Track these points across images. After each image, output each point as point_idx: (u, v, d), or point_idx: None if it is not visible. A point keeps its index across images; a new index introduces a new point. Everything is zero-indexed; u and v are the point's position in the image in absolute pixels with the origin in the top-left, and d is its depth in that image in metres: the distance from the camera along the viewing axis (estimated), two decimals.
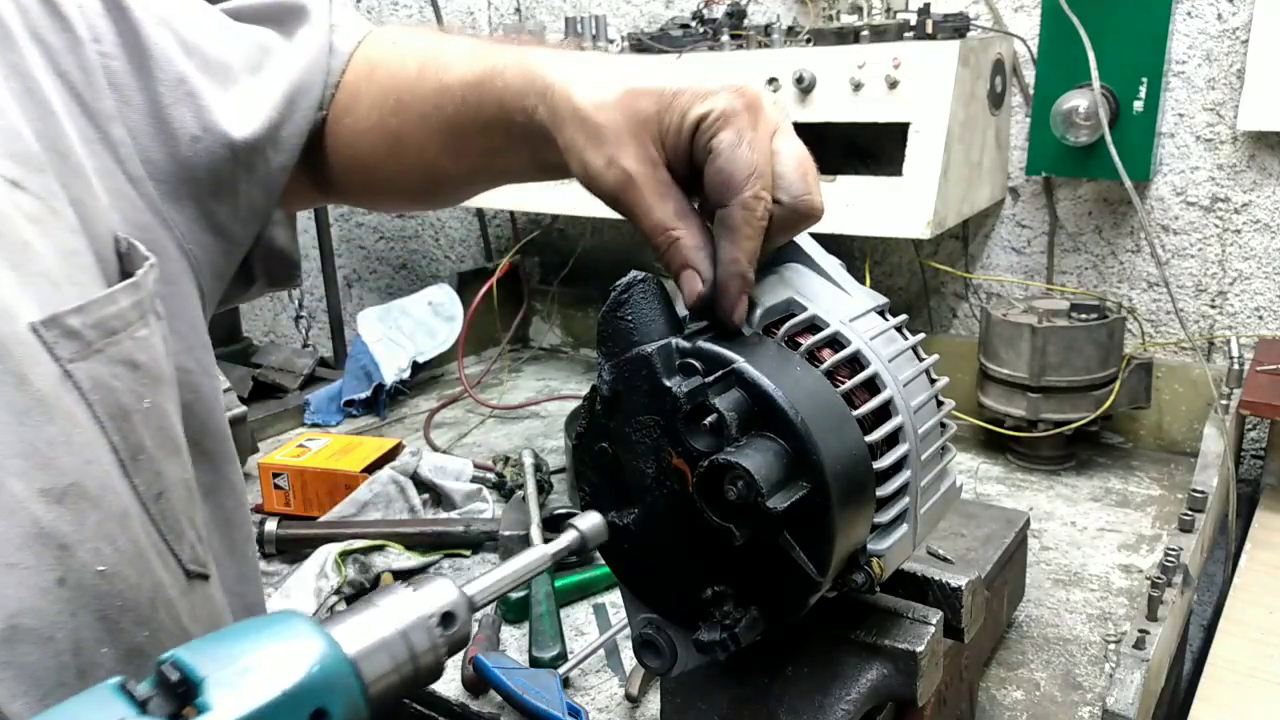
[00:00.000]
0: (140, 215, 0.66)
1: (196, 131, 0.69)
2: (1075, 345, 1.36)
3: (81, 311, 0.57)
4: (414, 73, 0.74)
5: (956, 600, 0.66)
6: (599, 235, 2.10)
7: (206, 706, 0.33)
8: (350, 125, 0.77)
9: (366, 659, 0.39)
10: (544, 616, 1.08)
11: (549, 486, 1.39)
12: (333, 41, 0.78)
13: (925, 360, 0.65)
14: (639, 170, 0.59)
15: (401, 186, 0.81)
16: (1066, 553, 1.22)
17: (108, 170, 0.64)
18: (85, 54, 0.63)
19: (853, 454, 0.55)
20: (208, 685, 0.34)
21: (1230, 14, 1.42)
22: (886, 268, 1.80)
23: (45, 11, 0.62)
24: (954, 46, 1.32)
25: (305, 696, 0.35)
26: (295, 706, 0.34)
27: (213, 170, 0.70)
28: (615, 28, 1.91)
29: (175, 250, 0.69)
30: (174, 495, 0.63)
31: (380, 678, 0.39)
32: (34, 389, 0.54)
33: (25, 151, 0.58)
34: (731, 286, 0.57)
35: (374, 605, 0.41)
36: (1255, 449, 1.52)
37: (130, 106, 0.66)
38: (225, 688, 0.33)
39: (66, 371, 0.56)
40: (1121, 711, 0.79)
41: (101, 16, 0.65)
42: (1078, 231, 1.62)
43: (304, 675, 0.35)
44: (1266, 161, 1.45)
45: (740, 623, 0.56)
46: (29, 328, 0.54)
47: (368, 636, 0.39)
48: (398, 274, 2.52)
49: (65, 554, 0.54)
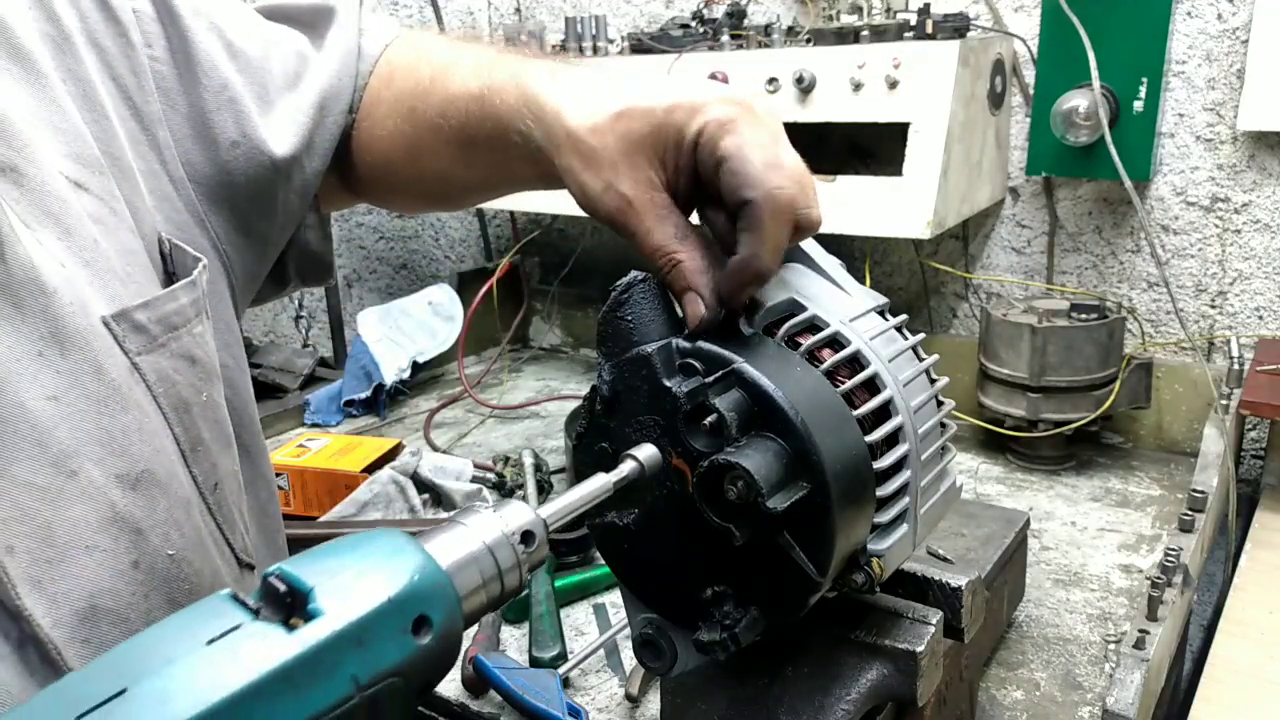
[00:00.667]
0: (180, 217, 0.69)
1: (236, 137, 0.71)
2: (1075, 345, 1.36)
3: (147, 307, 0.60)
4: (426, 82, 0.75)
5: (956, 600, 0.66)
6: (599, 235, 2.10)
7: (318, 613, 0.34)
8: (369, 129, 0.79)
9: (459, 573, 0.40)
10: (544, 616, 1.08)
11: (549, 486, 1.39)
12: (361, 45, 0.79)
13: (925, 360, 0.65)
14: (636, 194, 0.59)
15: (420, 191, 0.82)
16: (1066, 553, 1.22)
17: (153, 172, 0.66)
18: (138, 59, 0.66)
19: (853, 454, 0.55)
20: (316, 594, 0.34)
21: (1230, 14, 1.42)
22: (886, 268, 1.80)
23: (103, 17, 0.64)
24: (954, 46, 1.32)
25: (409, 603, 0.36)
26: (401, 612, 0.35)
27: (251, 177, 0.72)
28: (615, 28, 1.91)
29: (212, 251, 0.71)
30: (227, 486, 0.67)
31: (471, 593, 0.40)
32: (109, 379, 0.56)
33: (87, 154, 0.60)
34: (744, 278, 0.57)
35: (460, 524, 0.42)
36: (1255, 449, 1.52)
37: (175, 111, 0.68)
38: (333, 596, 0.34)
39: (134, 364, 0.59)
40: (1121, 711, 0.79)
41: (153, 21, 0.67)
42: (1078, 231, 1.62)
43: (407, 582, 0.36)
44: (1266, 161, 1.45)
45: (740, 623, 0.56)
46: (102, 321, 0.57)
47: (458, 552, 0.40)
48: (398, 274, 2.52)
49: (139, 538, 0.57)
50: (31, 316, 0.53)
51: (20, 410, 0.52)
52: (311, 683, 0.33)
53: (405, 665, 0.36)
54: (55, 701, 0.31)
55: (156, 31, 0.68)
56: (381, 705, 0.35)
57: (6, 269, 0.52)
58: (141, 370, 0.59)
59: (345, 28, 0.79)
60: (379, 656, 0.35)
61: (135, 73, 0.66)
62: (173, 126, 0.68)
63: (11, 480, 0.51)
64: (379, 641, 0.35)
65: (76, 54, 0.62)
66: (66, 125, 0.60)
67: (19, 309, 0.53)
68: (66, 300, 0.55)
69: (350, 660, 0.34)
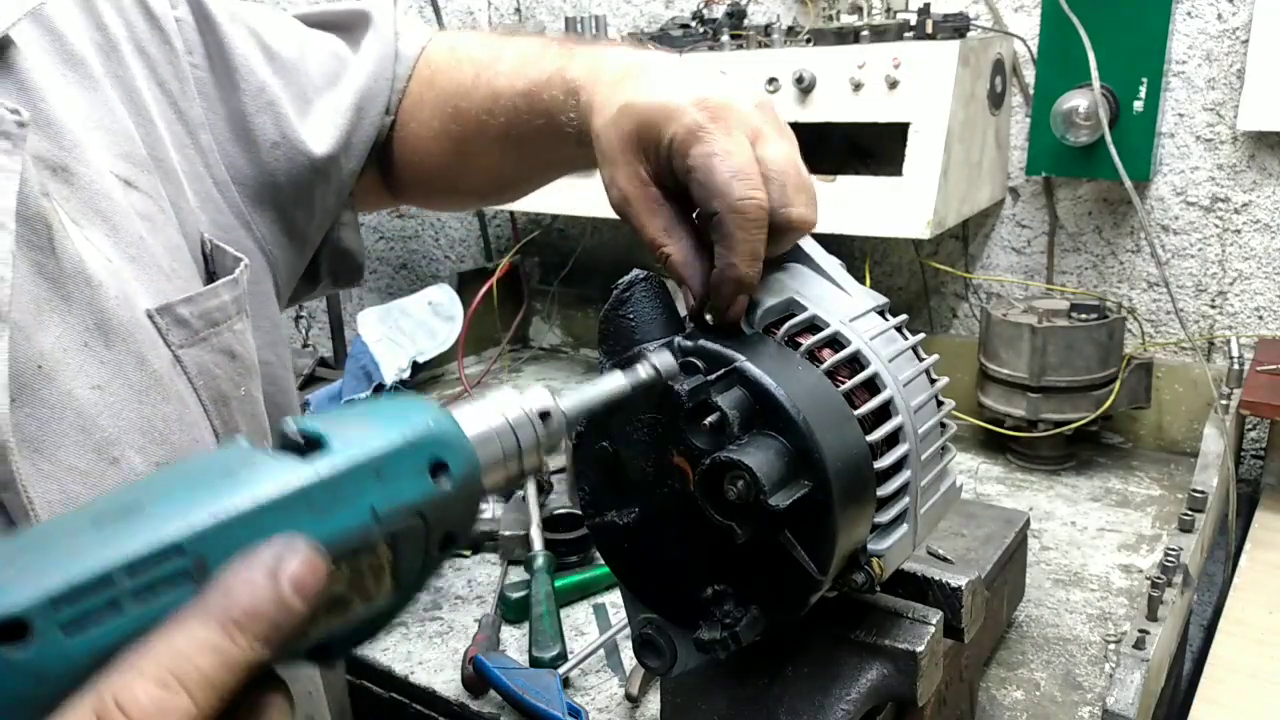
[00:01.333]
0: (225, 218, 0.71)
1: (276, 138, 0.73)
2: (1075, 345, 1.36)
3: (190, 302, 0.62)
4: (469, 80, 0.77)
5: (956, 600, 0.66)
6: (599, 235, 2.09)
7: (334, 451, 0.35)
8: (415, 131, 0.81)
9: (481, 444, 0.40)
10: (544, 616, 1.08)
11: (549, 486, 1.39)
12: (398, 48, 0.81)
13: (925, 360, 0.65)
14: (629, 189, 0.61)
15: (469, 188, 0.84)
16: (1066, 553, 1.22)
17: (197, 174, 0.69)
18: (181, 65, 0.68)
19: (853, 453, 0.55)
20: (330, 438, 0.35)
21: (1230, 14, 1.42)
22: (886, 268, 1.80)
23: (148, 25, 0.67)
24: (954, 46, 1.32)
25: (425, 446, 0.36)
26: (416, 452, 0.36)
27: (292, 177, 0.74)
28: (615, 28, 1.91)
29: (257, 251, 0.74)
30: None
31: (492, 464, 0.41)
32: (151, 370, 0.58)
33: (135, 154, 0.63)
34: (725, 290, 0.57)
35: (482, 398, 0.43)
36: (1255, 449, 1.52)
37: (216, 114, 0.70)
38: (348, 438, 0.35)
39: (176, 356, 0.60)
40: (1121, 711, 0.79)
41: (193, 29, 0.69)
42: (1078, 231, 1.62)
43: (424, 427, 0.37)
44: (1266, 161, 1.45)
45: (741, 622, 0.56)
46: (146, 314, 0.59)
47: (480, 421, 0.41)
48: (398, 274, 2.51)
49: None
50: (78, 308, 0.55)
51: (67, 398, 0.53)
52: (331, 507, 0.34)
53: (424, 505, 0.36)
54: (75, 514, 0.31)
55: (196, 39, 0.70)
56: (402, 545, 0.36)
57: (57, 262, 0.54)
58: (183, 363, 0.61)
59: (381, 30, 0.81)
60: (396, 491, 0.35)
61: (179, 78, 0.68)
62: (215, 130, 0.70)
63: (57, 465, 0.53)
64: (396, 478, 0.35)
65: (123, 60, 0.64)
66: (117, 126, 0.62)
67: (67, 301, 0.54)
68: (112, 293, 0.57)
69: (369, 491, 0.35)
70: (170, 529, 0.30)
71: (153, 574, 0.30)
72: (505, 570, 1.22)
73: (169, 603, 0.30)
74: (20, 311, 0.52)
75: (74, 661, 0.28)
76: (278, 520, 0.32)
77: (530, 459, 0.43)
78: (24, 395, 0.51)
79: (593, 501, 0.62)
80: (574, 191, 0.66)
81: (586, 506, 0.62)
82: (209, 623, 0.30)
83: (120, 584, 0.29)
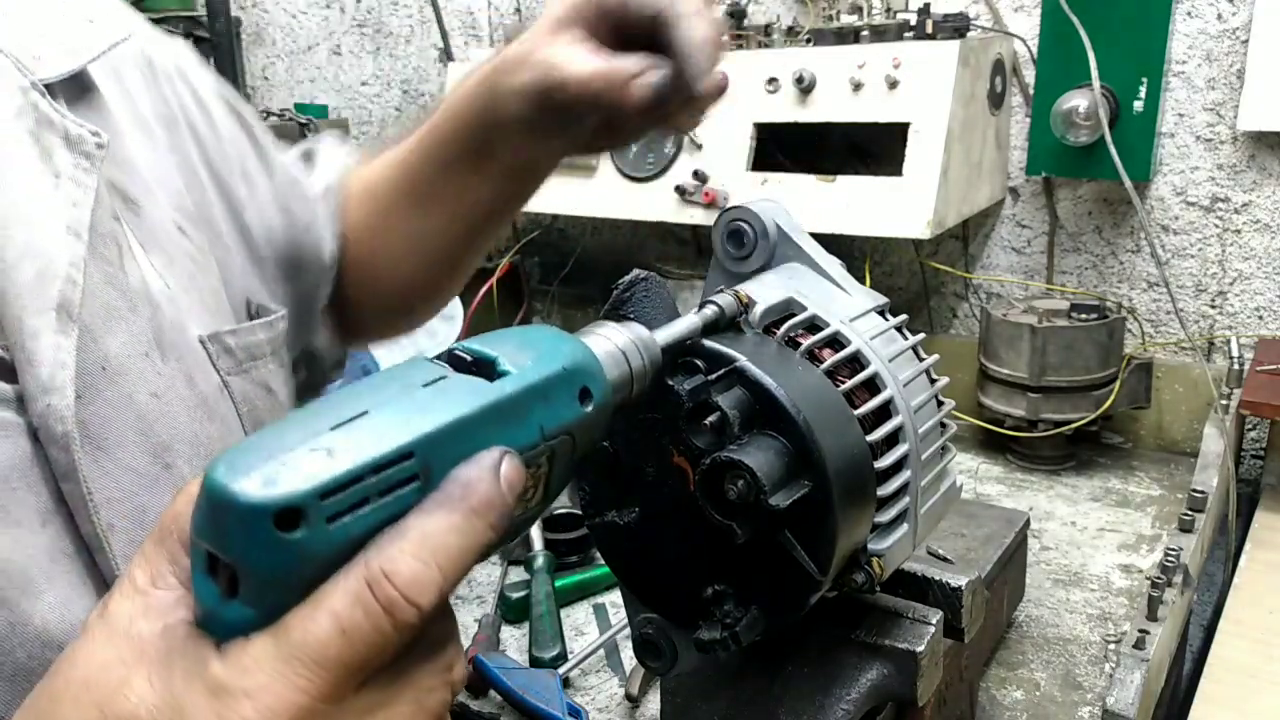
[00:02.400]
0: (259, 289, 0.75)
1: (308, 221, 0.81)
2: (1075, 345, 1.36)
3: (235, 334, 0.67)
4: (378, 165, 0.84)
5: (956, 600, 0.66)
6: (599, 235, 2.09)
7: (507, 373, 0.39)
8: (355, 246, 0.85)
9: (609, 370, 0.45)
10: (544, 616, 1.08)
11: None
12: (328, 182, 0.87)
13: (925, 360, 0.65)
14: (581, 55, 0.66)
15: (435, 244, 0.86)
16: (1066, 553, 1.22)
17: (240, 246, 0.74)
18: (226, 149, 0.74)
19: (854, 453, 0.55)
20: (501, 362, 0.40)
21: (1230, 14, 1.42)
22: (886, 268, 1.80)
23: (198, 109, 0.72)
24: (954, 46, 1.32)
25: (577, 375, 0.41)
26: (571, 380, 0.41)
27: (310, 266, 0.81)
28: None
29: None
30: None
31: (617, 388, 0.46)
32: (199, 390, 0.62)
33: (187, 209, 0.68)
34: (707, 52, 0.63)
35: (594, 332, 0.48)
36: (1255, 449, 1.52)
37: (256, 193, 0.76)
38: (515, 364, 0.40)
39: (225, 382, 0.65)
40: (1121, 711, 0.79)
41: (226, 115, 0.76)
42: (1078, 231, 1.62)
43: (577, 357, 0.42)
44: (1266, 161, 1.45)
45: (741, 622, 0.56)
46: (198, 339, 0.63)
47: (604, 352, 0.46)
48: None
49: None
50: (141, 321, 0.58)
51: (128, 401, 0.56)
52: (511, 423, 0.38)
53: (574, 426, 0.41)
54: (307, 418, 0.35)
55: (233, 126, 0.76)
56: (557, 459, 0.41)
57: (125, 275, 0.58)
58: (230, 388, 0.65)
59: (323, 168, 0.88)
60: (558, 412, 0.40)
61: (224, 159, 0.73)
62: (259, 208, 0.76)
63: (117, 463, 0.55)
64: (558, 402, 0.40)
65: (180, 134, 0.70)
66: (173, 186, 0.67)
67: (134, 311, 0.58)
68: (168, 315, 0.61)
69: (538, 411, 0.39)
70: (402, 435, 0.35)
71: (391, 474, 0.34)
72: (505, 570, 1.22)
73: (402, 498, 0.35)
74: (90, 315, 0.55)
75: (335, 546, 0.33)
76: (478, 431, 0.37)
77: (639, 384, 0.48)
78: (89, 393, 0.54)
79: (592, 501, 0.62)
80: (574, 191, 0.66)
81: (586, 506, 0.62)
82: (455, 511, 0.35)
83: (367, 481, 0.34)
